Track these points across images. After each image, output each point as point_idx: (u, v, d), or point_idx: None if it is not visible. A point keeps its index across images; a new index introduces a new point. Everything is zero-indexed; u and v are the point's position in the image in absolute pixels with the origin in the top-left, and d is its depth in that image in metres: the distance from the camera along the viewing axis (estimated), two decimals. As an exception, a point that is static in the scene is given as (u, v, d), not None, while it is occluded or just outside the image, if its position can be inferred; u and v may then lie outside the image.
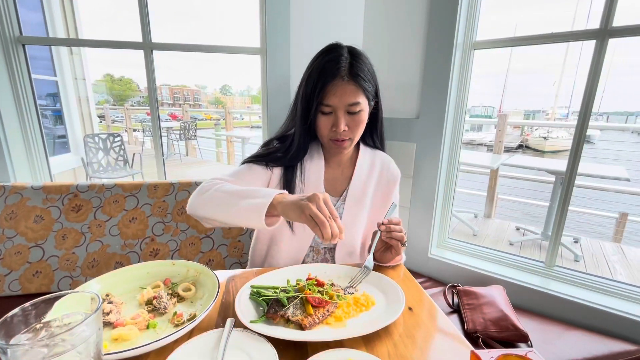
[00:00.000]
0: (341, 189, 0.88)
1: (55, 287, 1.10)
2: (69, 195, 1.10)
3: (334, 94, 0.74)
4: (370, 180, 0.89)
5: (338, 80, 0.74)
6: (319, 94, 0.74)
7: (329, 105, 0.75)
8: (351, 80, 0.74)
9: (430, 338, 0.56)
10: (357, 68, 0.75)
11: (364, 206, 0.88)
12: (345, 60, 0.75)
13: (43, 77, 2.93)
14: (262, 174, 0.82)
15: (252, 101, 65.57)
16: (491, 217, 3.67)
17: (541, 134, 14.72)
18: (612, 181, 2.70)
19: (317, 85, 0.74)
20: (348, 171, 0.89)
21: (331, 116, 0.77)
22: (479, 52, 1.42)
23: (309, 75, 0.77)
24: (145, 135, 8.22)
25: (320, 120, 0.78)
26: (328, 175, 0.87)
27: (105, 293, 0.62)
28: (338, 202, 0.87)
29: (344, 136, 0.77)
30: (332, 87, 0.74)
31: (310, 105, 0.76)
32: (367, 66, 0.78)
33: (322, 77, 0.74)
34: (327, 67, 0.74)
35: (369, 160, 0.90)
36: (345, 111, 0.76)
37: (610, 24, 1.14)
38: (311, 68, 0.78)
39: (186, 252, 1.19)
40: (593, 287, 1.29)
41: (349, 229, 0.86)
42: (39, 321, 0.38)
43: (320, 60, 0.76)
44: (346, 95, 0.74)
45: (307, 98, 0.77)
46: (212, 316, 0.60)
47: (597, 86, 1.19)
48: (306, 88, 0.77)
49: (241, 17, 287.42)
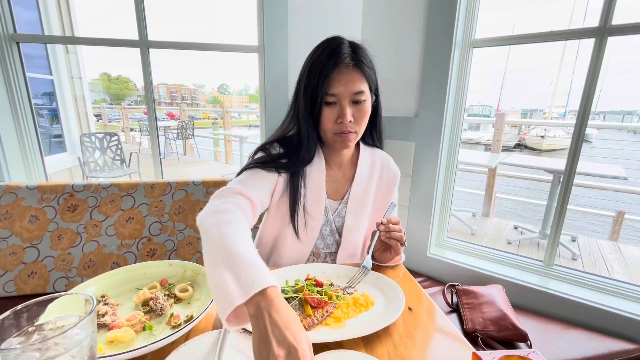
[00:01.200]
0: (343, 191, 0.87)
1: (50, 287, 1.09)
2: (65, 195, 1.09)
3: (338, 81, 0.72)
4: (371, 181, 0.88)
5: (342, 67, 0.72)
6: (323, 84, 0.72)
7: (334, 95, 0.73)
8: (356, 67, 0.73)
9: (430, 338, 0.55)
10: (360, 55, 0.74)
11: (366, 207, 0.87)
12: (347, 49, 0.74)
13: (39, 76, 2.91)
14: (270, 179, 0.77)
15: (250, 100, 65.45)
16: (489, 216, 3.68)
17: (538, 133, 14.80)
18: (610, 180, 2.71)
19: (321, 75, 0.72)
20: (349, 172, 0.87)
21: (335, 107, 0.74)
22: (477, 50, 1.42)
23: (310, 67, 0.74)
24: (142, 135, 8.19)
25: (324, 112, 0.75)
26: (330, 178, 0.86)
27: (101, 294, 0.61)
28: (340, 204, 0.86)
29: (350, 128, 0.75)
30: (337, 74, 0.72)
31: (315, 97, 0.74)
32: (369, 56, 0.77)
33: (326, 67, 0.72)
34: (330, 57, 0.72)
35: (370, 160, 0.89)
36: (350, 100, 0.74)
37: (609, 22, 1.14)
38: (311, 60, 0.75)
39: (183, 252, 1.18)
40: (591, 286, 1.29)
41: (351, 232, 0.85)
42: (32, 324, 0.37)
43: (321, 51, 0.74)
44: (351, 82, 0.72)
45: (311, 89, 0.74)
46: (210, 317, 0.59)
47: (596, 85, 1.19)
48: (308, 79, 0.74)
49: (239, 15, 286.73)
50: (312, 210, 0.81)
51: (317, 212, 0.82)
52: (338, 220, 0.86)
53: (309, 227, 0.82)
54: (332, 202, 0.85)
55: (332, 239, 0.86)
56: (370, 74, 0.76)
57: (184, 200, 1.18)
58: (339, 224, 0.86)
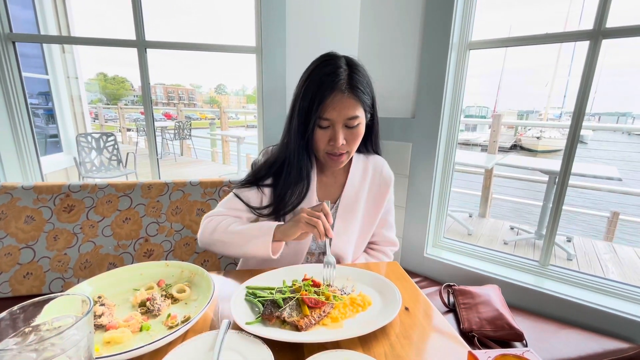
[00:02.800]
0: (334, 197, 0.87)
1: (46, 288, 1.08)
2: (61, 195, 1.09)
3: (333, 107, 0.72)
4: (363, 187, 0.88)
5: (337, 93, 0.72)
6: (317, 108, 0.72)
7: (328, 119, 0.73)
8: (351, 93, 0.73)
9: (427, 338, 0.55)
10: (356, 80, 0.74)
11: (357, 213, 0.87)
12: (344, 73, 0.73)
13: (34, 76, 2.89)
14: (254, 198, 0.84)
15: (248, 100, 65.30)
16: (486, 216, 3.70)
17: (534, 134, 14.89)
18: (605, 181, 2.74)
19: (316, 99, 0.72)
20: (341, 178, 0.88)
21: (328, 130, 0.75)
22: (474, 52, 1.43)
23: (306, 87, 0.74)
24: (139, 135, 8.15)
25: (317, 134, 0.76)
26: (321, 183, 0.87)
27: (97, 295, 0.61)
28: (332, 210, 0.86)
29: (342, 150, 0.76)
30: (332, 101, 0.72)
31: (308, 119, 0.74)
32: (366, 78, 0.77)
33: (321, 91, 0.72)
34: (325, 80, 0.72)
35: (362, 166, 0.89)
36: (344, 125, 0.74)
37: (603, 24, 1.15)
38: (307, 79, 0.75)
39: (181, 252, 1.18)
40: (586, 286, 1.30)
41: (341, 237, 0.85)
42: (28, 325, 0.37)
43: (318, 72, 0.74)
44: (345, 109, 0.72)
45: (305, 112, 0.74)
46: (207, 318, 0.59)
47: (591, 86, 1.20)
48: (303, 102, 0.74)
49: (237, 15, 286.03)
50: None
51: None
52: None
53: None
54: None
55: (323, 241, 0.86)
56: (366, 99, 0.76)
57: (181, 200, 1.17)
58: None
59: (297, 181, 0.80)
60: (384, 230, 0.94)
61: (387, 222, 0.94)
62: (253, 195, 0.84)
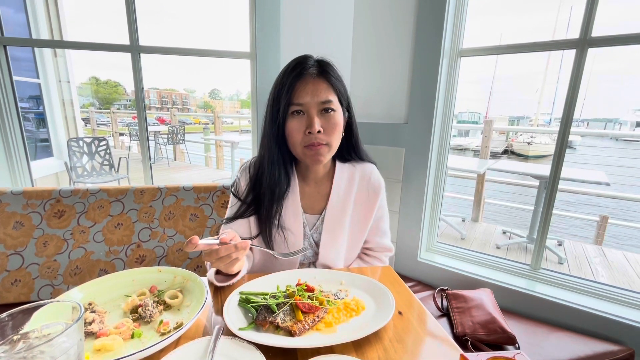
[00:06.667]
0: (319, 207, 0.84)
1: (35, 296, 1.06)
2: (51, 200, 1.07)
3: (304, 90, 0.70)
4: (349, 196, 0.84)
5: (307, 77, 0.72)
6: (287, 94, 0.70)
7: (300, 104, 0.71)
8: (322, 77, 0.73)
9: (420, 342, 0.56)
10: (326, 66, 0.74)
11: (344, 224, 0.84)
12: (313, 61, 0.74)
13: (25, 79, 2.85)
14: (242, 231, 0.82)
15: (242, 105, 65.23)
16: (478, 220, 3.73)
17: (525, 140, 15.15)
18: (593, 185, 2.79)
19: (285, 86, 0.71)
20: (325, 188, 0.84)
21: (303, 117, 0.72)
22: (465, 59, 1.45)
23: (275, 84, 0.75)
24: (131, 140, 8.08)
25: (291, 123, 0.72)
26: (304, 194, 0.84)
27: (88, 302, 0.60)
28: (318, 220, 0.84)
29: (320, 140, 0.72)
30: (303, 84, 0.71)
31: (279, 108, 0.71)
32: (337, 72, 0.76)
33: (291, 77, 0.71)
34: (294, 68, 0.72)
35: (348, 174, 0.85)
36: (318, 110, 0.72)
37: (589, 34, 1.18)
38: (277, 78, 0.75)
39: (173, 258, 1.16)
40: (577, 289, 1.32)
41: (329, 248, 0.83)
42: (17, 332, 0.37)
43: (286, 67, 0.74)
44: (318, 91, 0.71)
45: (277, 100, 0.72)
46: (200, 324, 0.58)
47: (578, 93, 1.23)
48: (273, 95, 0.74)
49: (231, 21, 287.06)
50: (290, 226, 0.81)
51: (296, 228, 0.81)
52: (316, 235, 0.85)
53: (290, 243, 0.81)
54: (310, 217, 0.84)
55: (312, 252, 0.86)
56: (339, 86, 0.75)
57: (175, 205, 1.17)
58: (317, 239, 0.85)
59: (278, 182, 0.78)
60: (378, 238, 0.91)
61: (380, 230, 0.91)
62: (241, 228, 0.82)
